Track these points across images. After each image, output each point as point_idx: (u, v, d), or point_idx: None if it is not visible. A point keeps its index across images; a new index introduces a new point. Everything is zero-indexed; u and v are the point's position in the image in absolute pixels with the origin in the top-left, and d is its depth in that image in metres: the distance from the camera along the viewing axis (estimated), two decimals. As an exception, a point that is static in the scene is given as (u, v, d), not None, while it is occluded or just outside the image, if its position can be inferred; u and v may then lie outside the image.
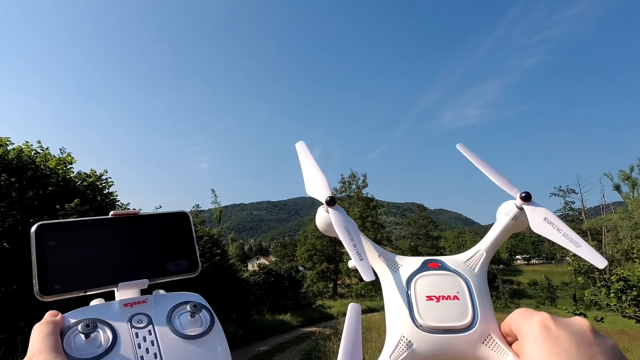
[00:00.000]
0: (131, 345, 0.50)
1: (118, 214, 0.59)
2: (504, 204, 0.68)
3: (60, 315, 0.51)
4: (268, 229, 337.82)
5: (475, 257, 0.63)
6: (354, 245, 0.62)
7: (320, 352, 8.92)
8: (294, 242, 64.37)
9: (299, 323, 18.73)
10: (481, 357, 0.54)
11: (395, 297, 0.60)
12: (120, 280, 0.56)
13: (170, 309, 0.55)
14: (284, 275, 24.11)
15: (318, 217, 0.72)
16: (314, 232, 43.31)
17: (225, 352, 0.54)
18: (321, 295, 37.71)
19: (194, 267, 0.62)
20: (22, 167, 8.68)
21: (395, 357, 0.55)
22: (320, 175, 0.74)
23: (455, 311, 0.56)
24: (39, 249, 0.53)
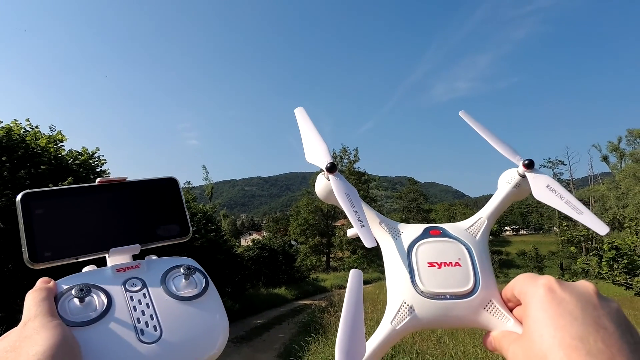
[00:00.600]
0: (127, 308, 0.50)
1: (105, 180, 0.58)
2: (506, 171, 0.67)
3: (52, 282, 0.51)
4: (260, 205, 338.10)
5: (477, 225, 0.63)
6: (355, 212, 0.62)
7: (318, 324, 9.10)
8: (286, 217, 64.68)
9: (293, 296, 19.02)
10: (482, 322, 0.54)
11: (397, 263, 0.59)
12: (111, 246, 0.55)
13: (163, 273, 0.55)
14: (278, 250, 24.30)
15: (318, 184, 0.70)
16: (306, 207, 43.50)
17: (221, 312, 0.55)
18: (314, 269, 38.19)
19: (184, 231, 0.62)
20: (12, 146, 8.54)
21: (397, 322, 0.56)
22: (320, 142, 0.72)
23: (457, 277, 0.56)
24: (26, 217, 0.52)
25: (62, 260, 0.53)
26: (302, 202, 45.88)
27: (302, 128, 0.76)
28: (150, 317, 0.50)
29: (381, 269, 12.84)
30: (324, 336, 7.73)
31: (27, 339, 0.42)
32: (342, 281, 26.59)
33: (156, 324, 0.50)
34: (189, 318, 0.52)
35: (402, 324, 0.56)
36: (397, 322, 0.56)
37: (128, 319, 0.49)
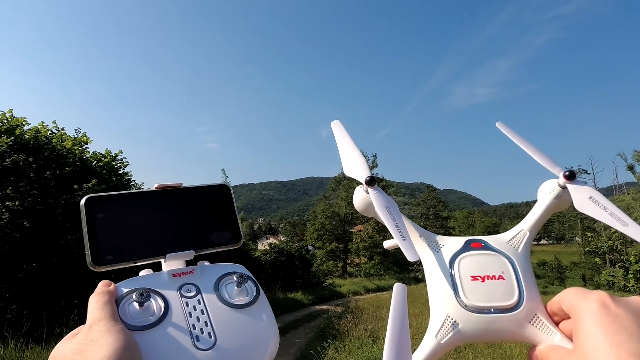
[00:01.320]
0: (182, 314, 0.51)
1: (162, 186, 0.60)
2: (546, 182, 0.67)
3: (113, 285, 0.52)
4: (277, 209, 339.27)
5: (519, 237, 0.63)
6: (397, 225, 0.62)
7: (334, 330, 9.06)
8: (303, 221, 64.69)
9: (309, 301, 18.97)
10: (528, 336, 0.54)
11: (439, 277, 0.59)
12: (168, 251, 0.57)
13: (217, 279, 0.56)
14: (295, 254, 24.32)
15: (356, 197, 0.70)
16: (324, 212, 43.45)
17: (272, 321, 0.55)
18: (331, 274, 38.02)
19: (236, 238, 0.63)
20: (39, 148, 8.77)
21: (441, 336, 0.56)
22: (358, 155, 0.72)
23: (501, 291, 0.56)
24: (89, 221, 0.54)
25: (122, 264, 0.54)
26: (320, 207, 45.85)
27: (339, 142, 0.77)
28: (205, 324, 0.51)
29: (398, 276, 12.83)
30: (340, 342, 7.69)
31: (93, 343, 0.44)
32: (358, 287, 26.45)
33: (210, 330, 0.51)
34: (241, 326, 0.53)
35: (446, 338, 0.56)
36: (442, 337, 0.56)
37: (184, 325, 0.50)
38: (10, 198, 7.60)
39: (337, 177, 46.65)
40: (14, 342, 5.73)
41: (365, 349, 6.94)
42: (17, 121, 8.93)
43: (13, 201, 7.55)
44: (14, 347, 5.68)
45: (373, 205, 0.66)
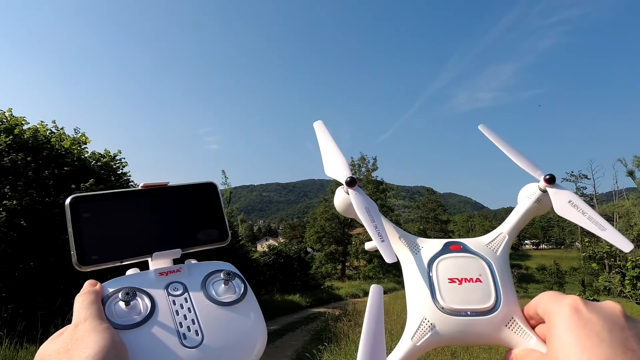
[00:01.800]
0: (169, 312, 0.51)
1: (148, 185, 0.60)
2: (527, 186, 0.67)
3: (99, 285, 0.52)
4: (277, 211, 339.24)
5: (498, 240, 0.63)
6: (375, 227, 0.62)
7: (331, 333, 9.05)
8: (302, 223, 64.69)
9: (307, 303, 18.96)
10: (504, 339, 0.54)
11: (417, 279, 0.59)
12: (154, 250, 0.57)
13: (204, 277, 0.57)
14: (293, 256, 24.31)
15: (337, 198, 0.70)
16: (323, 215, 43.44)
17: (259, 318, 0.56)
18: (329, 277, 38.00)
19: (224, 236, 0.63)
20: (38, 147, 8.78)
21: (417, 338, 0.56)
22: (339, 156, 0.72)
23: (478, 293, 0.56)
24: (74, 220, 0.53)
25: (108, 264, 0.55)
26: (319, 209, 45.83)
27: (321, 142, 0.77)
28: (192, 322, 0.51)
29: (397, 279, 12.77)
30: (336, 345, 7.68)
31: (79, 342, 0.44)
32: (357, 290, 26.42)
33: (197, 328, 0.51)
34: (228, 323, 0.53)
35: (422, 340, 0.56)
36: (418, 339, 0.56)
37: (171, 323, 0.50)
38: (7, 197, 7.60)
39: (338, 180, 46.56)
40: (8, 341, 5.73)
41: (361, 352, 6.91)
42: (16, 120, 8.94)
43: (11, 200, 7.55)
44: (8, 346, 5.67)
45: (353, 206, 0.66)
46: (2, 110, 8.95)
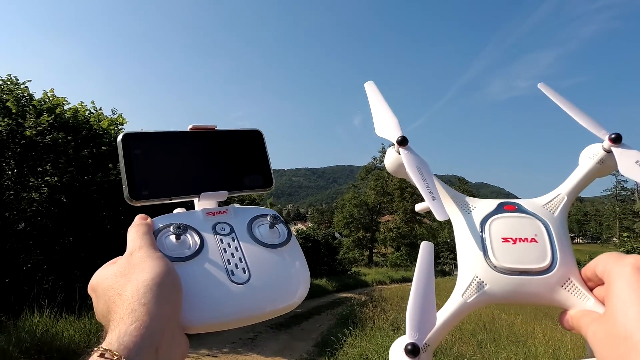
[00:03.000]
0: (218, 249, 0.53)
1: (197, 127, 0.61)
2: (589, 146, 0.64)
3: (150, 219, 0.54)
4: (306, 196, 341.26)
5: (556, 201, 0.61)
6: (427, 185, 0.61)
7: (356, 318, 9.11)
8: (331, 209, 64.89)
9: (334, 288, 19.10)
10: (559, 300, 0.52)
11: (468, 238, 0.58)
12: (202, 190, 0.59)
13: (250, 220, 0.58)
14: (321, 241, 24.48)
15: (387, 158, 0.70)
16: (352, 201, 43.44)
17: (303, 263, 0.57)
18: (357, 263, 38.12)
19: (268, 182, 0.65)
20: (78, 127, 9.09)
21: (468, 296, 0.55)
22: (390, 115, 0.71)
23: (533, 253, 0.54)
24: (126, 156, 0.55)
25: (158, 200, 0.57)
26: (348, 195, 45.85)
27: (372, 102, 0.76)
28: (240, 260, 0.53)
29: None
30: (361, 330, 7.73)
31: (136, 267, 0.46)
32: (383, 277, 26.42)
33: (245, 267, 0.53)
34: (273, 265, 0.55)
35: (473, 298, 0.55)
36: (468, 296, 0.55)
37: (219, 260, 0.52)
38: (49, 174, 7.94)
39: (367, 167, 46.43)
40: (49, 310, 6.04)
41: (385, 338, 6.95)
42: (58, 100, 9.26)
43: (52, 177, 7.88)
44: (49, 315, 5.98)
45: (404, 166, 0.65)
46: (45, 91, 9.29)
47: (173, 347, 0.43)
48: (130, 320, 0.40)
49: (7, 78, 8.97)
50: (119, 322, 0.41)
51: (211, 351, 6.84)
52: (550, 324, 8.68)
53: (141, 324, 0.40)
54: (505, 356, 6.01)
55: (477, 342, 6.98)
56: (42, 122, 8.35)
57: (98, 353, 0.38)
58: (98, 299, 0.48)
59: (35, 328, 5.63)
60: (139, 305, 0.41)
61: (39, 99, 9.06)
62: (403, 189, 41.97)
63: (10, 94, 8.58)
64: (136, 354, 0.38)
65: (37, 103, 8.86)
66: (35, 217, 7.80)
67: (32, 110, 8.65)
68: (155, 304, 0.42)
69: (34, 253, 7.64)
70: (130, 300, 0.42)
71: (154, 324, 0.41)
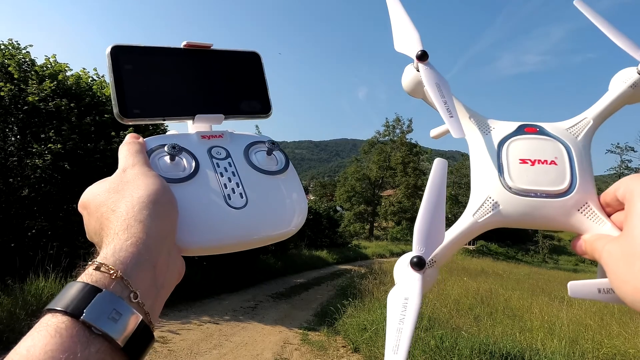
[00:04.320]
0: (214, 173, 0.51)
1: (192, 44, 0.57)
2: (623, 70, 0.61)
3: (142, 138, 0.52)
4: (309, 168, 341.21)
5: (581, 125, 0.58)
6: (445, 103, 0.59)
7: (356, 289, 9.25)
8: (333, 182, 64.90)
9: (334, 260, 19.32)
10: (574, 224, 0.51)
11: (484, 158, 0.56)
12: (197, 112, 0.55)
13: (247, 145, 0.56)
14: (323, 214, 24.58)
15: (405, 75, 0.67)
16: (354, 175, 43.43)
17: (300, 192, 0.56)
18: (357, 236, 38.41)
19: (266, 108, 0.61)
20: (80, 94, 9.01)
21: (479, 216, 0.54)
22: (412, 29, 0.66)
23: (551, 176, 0.53)
24: (115, 71, 0.51)
25: (150, 119, 0.53)
26: (351, 168, 45.81)
27: (392, 14, 0.71)
28: (236, 185, 0.51)
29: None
30: (360, 301, 7.86)
31: (129, 184, 0.44)
32: (384, 250, 26.69)
33: (242, 191, 0.51)
34: (270, 191, 0.53)
35: (484, 218, 0.54)
36: (480, 216, 0.54)
37: (216, 183, 0.51)
38: (52, 141, 7.92)
39: (370, 140, 46.20)
40: (54, 275, 6.15)
41: (384, 309, 7.04)
42: (60, 66, 9.15)
43: (55, 144, 7.87)
44: (54, 280, 6.09)
45: (422, 83, 0.62)
46: (47, 56, 9.17)
47: (169, 267, 0.42)
48: (126, 236, 0.39)
49: (9, 42, 8.85)
50: (113, 238, 0.39)
51: (212, 318, 6.98)
52: (547, 299, 8.81)
53: (137, 239, 0.39)
54: (502, 330, 6.12)
55: (474, 316, 7.10)
56: (44, 88, 8.27)
57: (94, 266, 0.37)
58: (90, 216, 0.46)
59: (41, 292, 5.74)
60: (134, 222, 0.40)
61: (41, 65, 8.94)
62: (406, 164, 41.89)
63: (12, 58, 8.47)
64: (133, 270, 0.37)
65: (39, 69, 8.75)
66: (38, 183, 7.83)
67: (35, 76, 8.56)
68: (152, 222, 0.40)
69: (39, 219, 7.71)
70: (125, 217, 0.40)
71: (150, 241, 0.39)
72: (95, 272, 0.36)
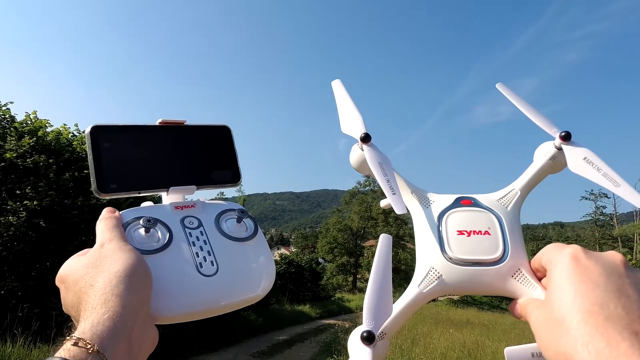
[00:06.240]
0: (187, 242, 0.54)
1: (166, 121, 0.62)
2: (543, 144, 0.67)
3: (118, 212, 0.55)
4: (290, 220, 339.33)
5: (509, 196, 0.63)
6: (387, 180, 0.63)
7: (340, 345, 8.97)
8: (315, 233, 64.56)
9: (317, 315, 18.83)
10: (510, 290, 0.55)
11: (426, 231, 0.60)
12: (170, 184, 0.59)
13: (217, 214, 0.60)
14: (305, 266, 24.21)
15: (352, 154, 0.71)
16: (336, 225, 43.30)
17: (269, 257, 0.59)
18: (340, 289, 37.75)
19: (236, 178, 0.66)
20: (60, 150, 8.96)
21: (424, 286, 0.57)
22: (355, 113, 0.73)
23: (486, 245, 0.57)
24: (94, 149, 0.56)
25: (126, 193, 0.57)
26: (332, 219, 45.72)
27: (338, 100, 0.78)
28: (208, 253, 0.54)
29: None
30: (345, 357, 7.60)
31: (107, 258, 0.47)
32: (367, 303, 26.08)
33: (213, 259, 0.54)
34: (240, 258, 0.57)
35: (429, 288, 0.57)
36: (425, 286, 0.57)
37: (188, 253, 0.53)
38: (28, 197, 7.76)
39: (351, 191, 46.54)
40: (22, 339, 5.82)
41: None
42: (40, 123, 9.14)
43: (31, 200, 7.71)
44: (22, 345, 5.76)
45: (367, 162, 0.67)
46: (27, 113, 9.18)
47: (144, 337, 0.44)
48: (103, 310, 0.41)
49: (-12, 100, 8.86)
50: (91, 312, 0.41)
51: (191, 381, 6.64)
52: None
53: (114, 313, 0.41)
54: None
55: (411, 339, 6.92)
56: (23, 144, 8.22)
57: (72, 342, 0.38)
58: (67, 290, 0.48)
59: (7, 358, 5.41)
60: (111, 296, 0.42)
61: (21, 121, 8.94)
62: (387, 214, 42.07)
63: (-9, 116, 8.45)
64: (109, 343, 0.39)
65: (18, 125, 8.74)
66: (12, 241, 7.58)
67: (14, 132, 8.53)
68: (128, 295, 0.43)
69: (9, 279, 7.39)
70: (102, 291, 0.43)
71: (126, 314, 0.42)
72: (73, 347, 0.38)
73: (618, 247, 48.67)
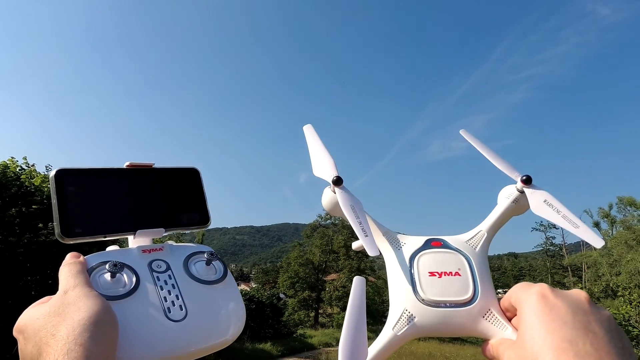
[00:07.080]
0: (154, 287, 0.53)
1: (133, 164, 0.61)
2: (505, 187, 0.70)
3: (82, 257, 0.53)
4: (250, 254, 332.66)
5: (477, 237, 0.66)
6: (360, 223, 0.64)
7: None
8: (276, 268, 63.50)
9: (279, 353, 18.31)
10: (481, 330, 0.56)
11: (399, 273, 0.61)
12: (138, 227, 0.58)
13: (186, 257, 0.59)
14: (266, 302, 23.70)
15: (324, 197, 0.73)
16: (297, 260, 42.84)
17: (239, 300, 0.59)
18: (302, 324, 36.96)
19: (204, 220, 0.65)
20: (7, 184, 8.51)
21: (398, 329, 0.58)
22: (327, 157, 0.75)
23: (457, 286, 0.58)
24: (59, 193, 0.54)
25: (92, 237, 0.55)
26: (294, 253, 45.23)
27: (310, 144, 0.80)
28: (176, 297, 0.53)
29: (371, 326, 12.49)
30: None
31: (71, 306, 0.44)
32: (330, 339, 25.71)
33: (181, 303, 0.53)
34: (209, 301, 0.56)
35: (403, 331, 0.58)
36: (399, 329, 0.58)
37: (156, 297, 0.52)
38: (-31, 235, 7.28)
39: (312, 224, 46.41)
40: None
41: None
42: (-15, 156, 8.70)
43: (-28, 238, 7.22)
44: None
45: (339, 204, 0.68)
46: (-29, 145, 8.72)
47: None
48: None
49: None
50: None
51: None
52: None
53: None
54: None
55: None
56: (-35, 178, 7.75)
57: None
58: (27, 341, 0.45)
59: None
60: (75, 346, 0.40)
61: (-36, 154, 8.46)
62: (348, 247, 42.06)
63: None
64: None
65: (-39, 158, 8.26)
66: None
67: (-44, 166, 8.05)
68: (93, 344, 0.41)
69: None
70: (65, 341, 0.40)
71: None
72: None
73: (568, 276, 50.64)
